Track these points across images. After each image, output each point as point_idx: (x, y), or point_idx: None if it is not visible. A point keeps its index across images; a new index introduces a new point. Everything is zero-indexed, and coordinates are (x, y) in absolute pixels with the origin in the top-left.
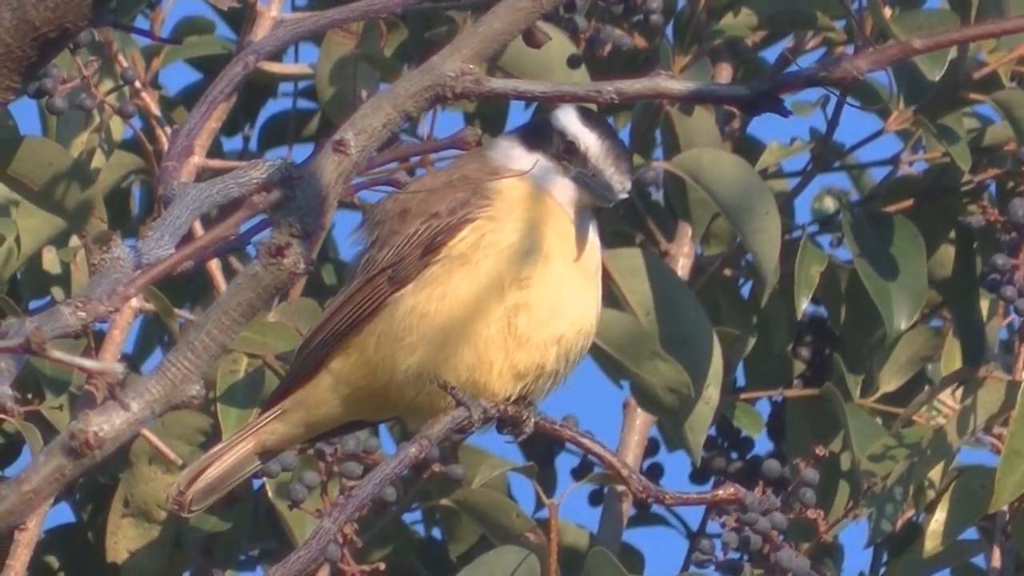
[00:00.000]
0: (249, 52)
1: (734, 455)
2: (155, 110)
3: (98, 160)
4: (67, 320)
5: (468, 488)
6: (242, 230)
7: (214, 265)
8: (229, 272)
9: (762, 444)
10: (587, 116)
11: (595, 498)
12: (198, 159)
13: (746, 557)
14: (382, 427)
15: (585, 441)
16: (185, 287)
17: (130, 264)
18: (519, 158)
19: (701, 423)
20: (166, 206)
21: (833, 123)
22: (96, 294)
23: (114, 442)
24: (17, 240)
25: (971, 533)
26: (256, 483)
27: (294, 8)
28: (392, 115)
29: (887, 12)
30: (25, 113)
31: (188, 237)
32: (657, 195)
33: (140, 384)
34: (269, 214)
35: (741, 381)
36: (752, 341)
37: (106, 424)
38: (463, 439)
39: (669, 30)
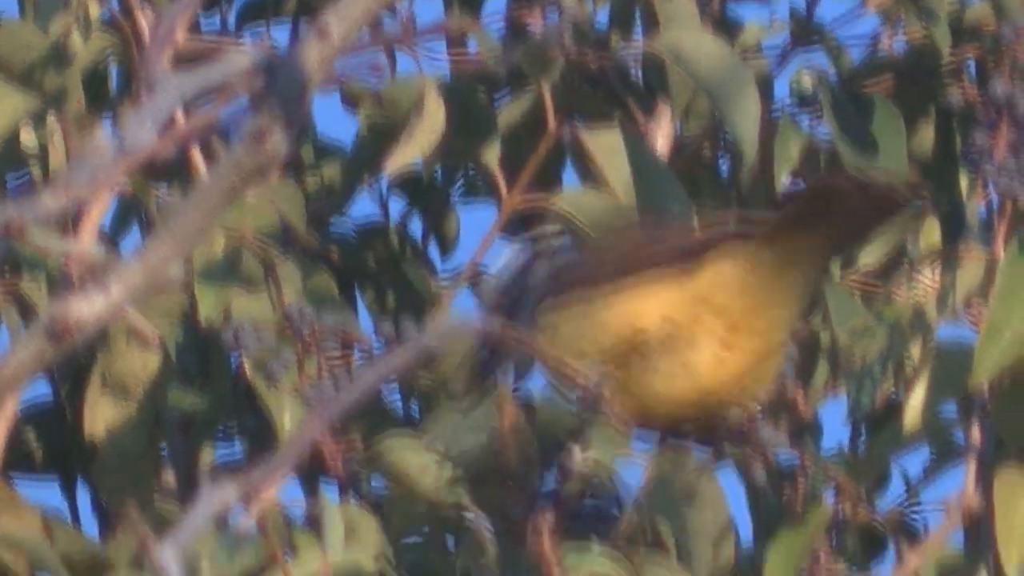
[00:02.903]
0: None
1: None
2: None
3: (75, 41)
4: (48, 206)
5: (445, 363)
6: (224, 117)
7: (195, 151)
8: (210, 158)
9: None
10: None
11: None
12: (178, 40)
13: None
14: (360, 302)
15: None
16: (164, 169)
17: (111, 150)
18: None
19: None
20: (148, 92)
21: (813, 1)
22: (77, 180)
23: (94, 326)
24: None
25: (951, 410)
26: (234, 359)
27: None
28: (374, 1)
29: None
30: None
31: (169, 124)
32: (636, 75)
33: (121, 267)
34: (251, 100)
35: None
36: None
37: (86, 308)
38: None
39: None
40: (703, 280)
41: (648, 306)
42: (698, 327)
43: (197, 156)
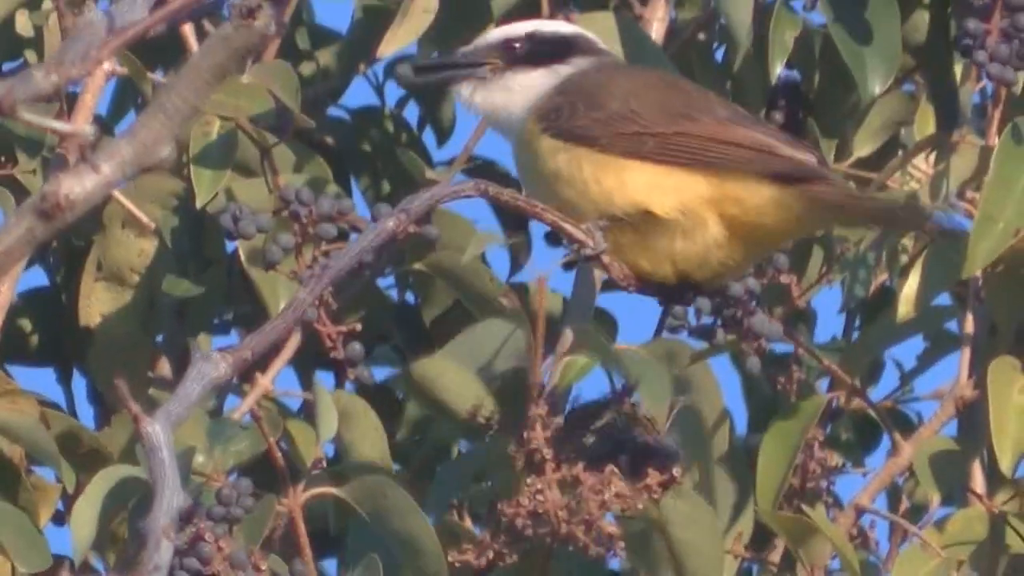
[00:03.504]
0: None
1: None
2: None
3: None
4: (39, 83)
5: (442, 252)
6: None
7: (187, 29)
8: (202, 35)
9: None
10: None
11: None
12: None
13: (719, 322)
14: (355, 188)
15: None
16: (158, 50)
17: (103, 27)
18: None
19: None
20: None
21: None
22: (69, 58)
23: (85, 204)
24: None
25: (944, 299)
26: (230, 246)
27: None
28: None
29: None
30: None
31: (161, 1)
32: None
33: (112, 146)
34: None
35: None
36: None
37: (77, 186)
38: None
39: None
40: (728, 193)
41: (669, 190)
42: (702, 226)
43: (190, 37)
